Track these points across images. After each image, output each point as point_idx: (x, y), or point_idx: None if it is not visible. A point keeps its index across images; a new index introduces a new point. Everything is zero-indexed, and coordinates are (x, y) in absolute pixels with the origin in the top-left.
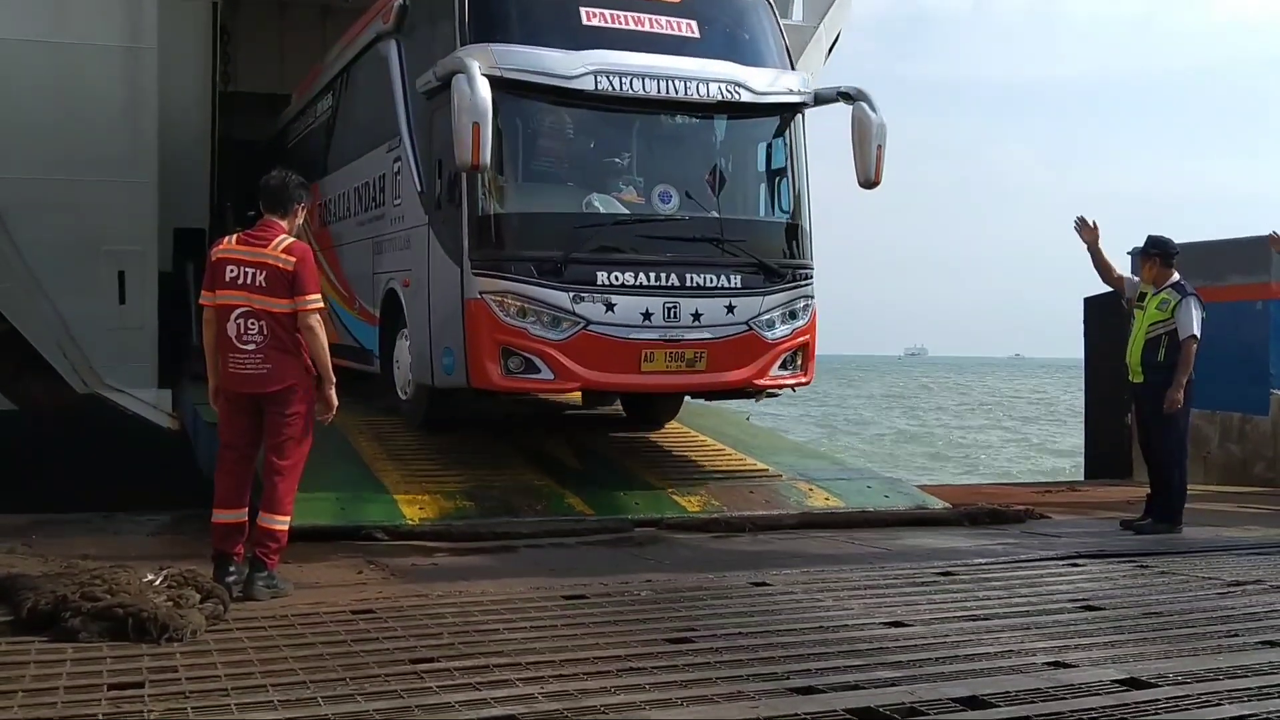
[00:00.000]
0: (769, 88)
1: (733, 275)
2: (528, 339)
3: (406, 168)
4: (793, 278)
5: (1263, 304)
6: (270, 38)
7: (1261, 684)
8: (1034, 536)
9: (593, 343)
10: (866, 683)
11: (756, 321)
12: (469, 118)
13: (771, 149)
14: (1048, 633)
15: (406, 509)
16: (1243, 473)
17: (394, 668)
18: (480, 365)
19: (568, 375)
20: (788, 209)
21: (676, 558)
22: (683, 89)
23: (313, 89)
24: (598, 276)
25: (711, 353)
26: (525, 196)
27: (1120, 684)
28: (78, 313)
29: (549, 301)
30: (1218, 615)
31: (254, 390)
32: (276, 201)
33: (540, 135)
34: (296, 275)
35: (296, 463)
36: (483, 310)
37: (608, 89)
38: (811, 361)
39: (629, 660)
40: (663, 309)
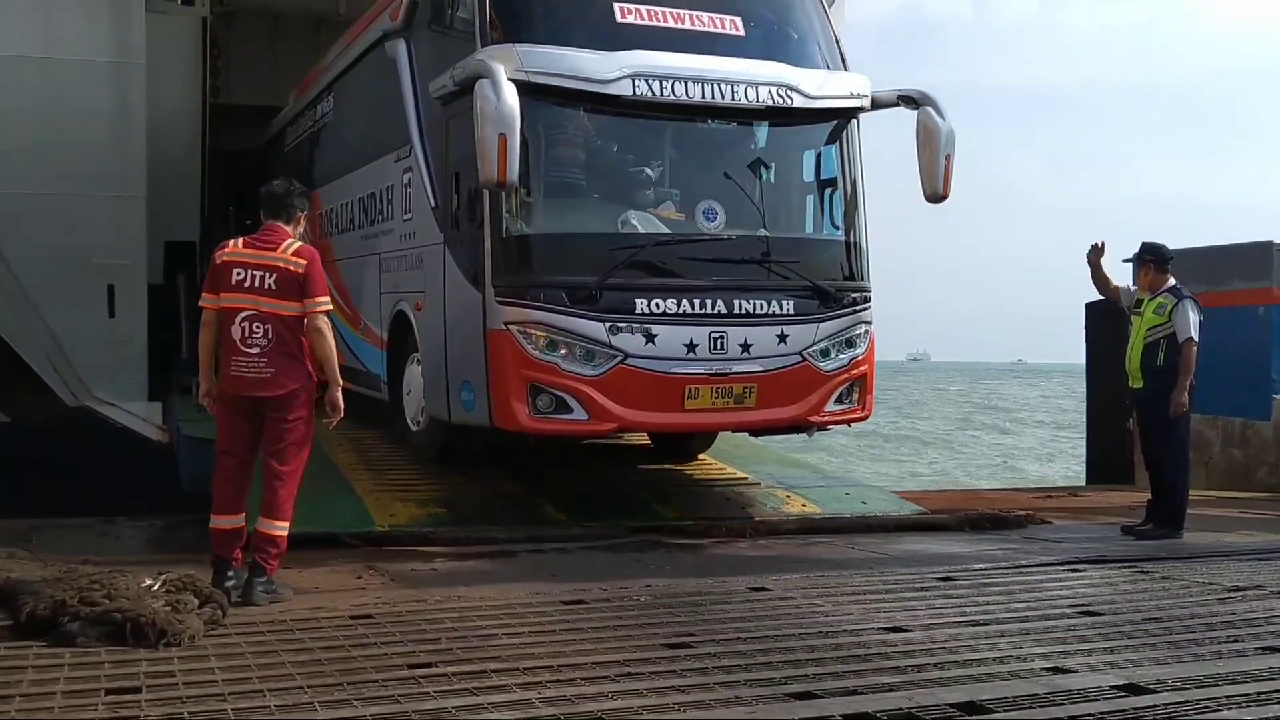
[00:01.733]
0: (823, 91)
1: (785, 301)
2: (558, 375)
3: (418, 180)
4: (850, 302)
5: (1264, 309)
6: (263, 50)
7: (1261, 690)
8: (1035, 542)
9: (631, 378)
10: (864, 688)
11: (810, 352)
12: (494, 129)
13: (826, 158)
14: (1047, 638)
15: (377, 515)
16: (1244, 478)
17: (391, 673)
18: (505, 404)
19: (603, 415)
20: (844, 225)
21: (676, 563)
22: (729, 93)
23: (312, 91)
24: (636, 304)
25: (762, 387)
26: (554, 215)
27: (1119, 690)
28: (68, 326)
29: (582, 333)
30: (1218, 621)
31: (256, 394)
32: (280, 207)
33: (571, 146)
34: (307, 278)
35: (296, 469)
36: (508, 342)
37: (646, 94)
38: (869, 394)
39: (627, 665)
40: (708, 339)
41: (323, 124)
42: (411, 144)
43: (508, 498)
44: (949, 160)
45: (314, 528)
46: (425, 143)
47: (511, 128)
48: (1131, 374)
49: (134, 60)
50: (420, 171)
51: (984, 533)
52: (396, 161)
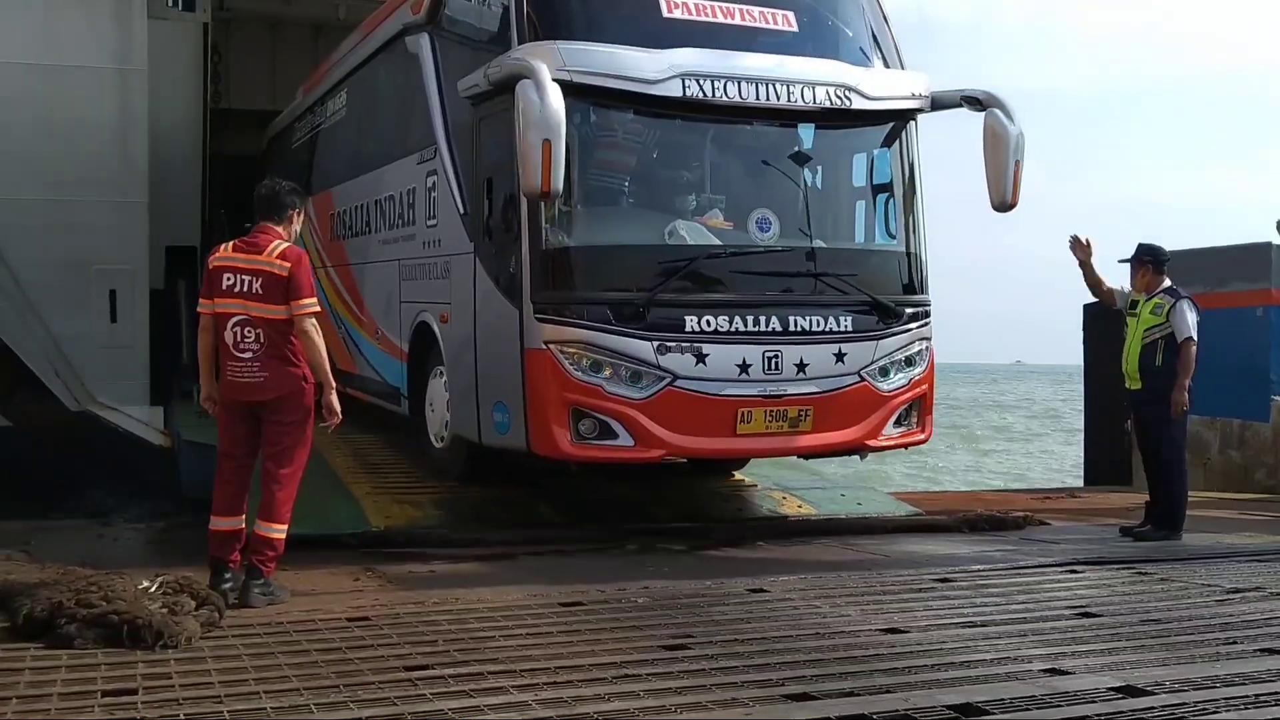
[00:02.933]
0: (883, 91)
1: (842, 316)
2: (603, 398)
3: (444, 184)
4: (910, 317)
5: (1263, 310)
6: (262, 55)
7: (1259, 692)
8: (1033, 543)
9: (680, 401)
10: (861, 689)
11: (869, 371)
12: (538, 133)
13: (885, 163)
14: (1044, 640)
15: (373, 517)
16: (1243, 479)
17: (388, 675)
18: (544, 428)
19: (650, 441)
20: (903, 235)
21: (673, 565)
22: (784, 94)
23: (323, 85)
24: (686, 321)
25: (818, 409)
26: (598, 225)
27: (1116, 691)
28: (69, 331)
29: (629, 353)
30: (1216, 623)
31: (251, 398)
32: (271, 208)
33: (615, 151)
34: (291, 280)
35: (294, 472)
36: (548, 363)
37: (697, 95)
38: (929, 415)
39: (624, 667)
40: (762, 359)
41: (334, 121)
42: (436, 145)
43: (505, 500)
44: (1018, 167)
45: (312, 529)
46: (452, 145)
47: (557, 133)
48: (1129, 375)
49: (136, 67)
50: (446, 175)
51: (982, 534)
52: (419, 164)
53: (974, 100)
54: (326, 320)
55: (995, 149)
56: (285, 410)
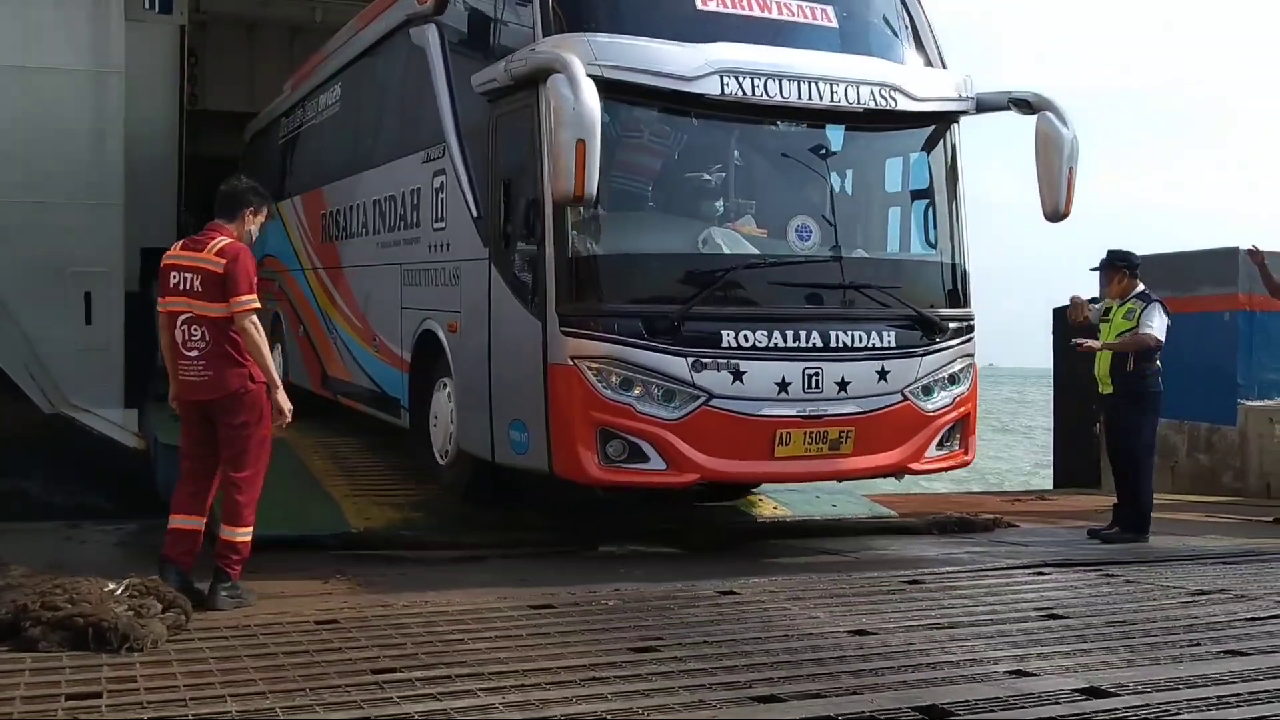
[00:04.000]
0: (928, 92)
1: (886, 331)
2: (634, 418)
3: (454, 186)
4: (954, 332)
5: (1230, 315)
6: (239, 57)
7: (1221, 694)
8: (1001, 545)
9: (715, 422)
10: (828, 691)
11: (913, 389)
12: (572, 133)
13: (929, 168)
14: (1011, 641)
15: (353, 519)
16: (1210, 482)
17: (355, 678)
18: (570, 450)
19: (683, 464)
20: (947, 244)
21: (645, 567)
22: (827, 94)
23: (314, 78)
24: (723, 336)
25: (860, 430)
26: (629, 232)
27: (1080, 693)
28: (44, 333)
29: (662, 369)
30: (1181, 624)
31: (197, 397)
32: (224, 206)
33: (647, 153)
34: (227, 276)
35: (253, 475)
36: (575, 380)
37: (735, 94)
38: (972, 436)
39: (593, 669)
40: (802, 377)
41: (327, 117)
42: (445, 144)
43: (485, 502)
44: (1072, 174)
45: (290, 531)
46: (464, 144)
47: (592, 132)
48: (1101, 379)
49: (113, 69)
50: (457, 176)
51: (951, 536)
52: (425, 163)
53: (1023, 102)
54: (317, 325)
55: (1048, 154)
56: (234, 411)
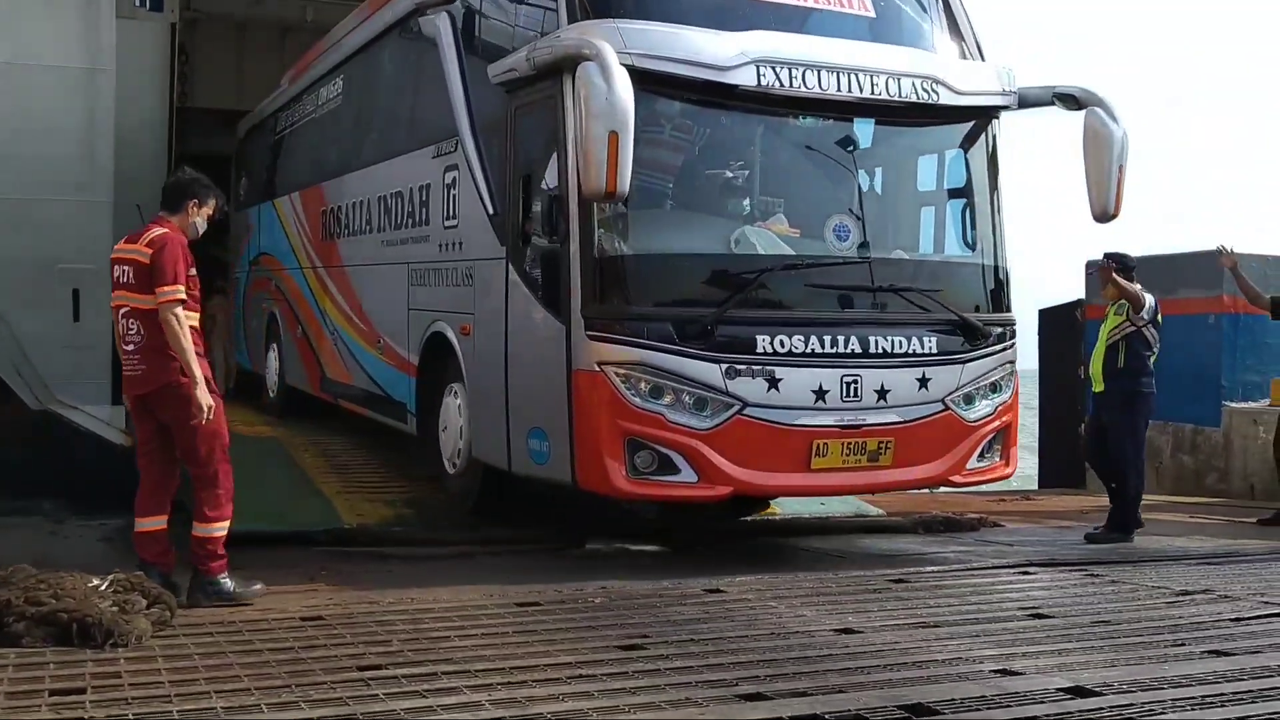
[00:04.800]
0: (971, 85)
1: (927, 337)
2: (664, 428)
3: (468, 182)
4: (996, 338)
5: (1215, 317)
6: (229, 55)
7: (1205, 693)
8: (987, 545)
9: (750, 431)
10: (814, 689)
11: (954, 398)
12: (604, 125)
13: (971, 166)
14: (996, 640)
15: (346, 515)
16: (1195, 483)
17: (341, 674)
18: (595, 461)
19: (716, 476)
20: (989, 245)
21: (633, 566)
22: (868, 87)
23: (315, 71)
24: (758, 341)
25: (900, 441)
26: (659, 231)
27: (1065, 692)
28: (32, 330)
29: (694, 376)
30: (1165, 624)
31: (135, 391)
32: (167, 198)
33: (678, 147)
34: (153, 266)
35: (209, 469)
36: (601, 387)
37: (773, 85)
38: (1014, 447)
39: (579, 667)
40: (840, 384)
41: (328, 110)
42: (458, 138)
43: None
44: (1122, 173)
45: (284, 527)
46: (478, 137)
47: (625, 124)
48: (1094, 377)
49: (104, 66)
50: (471, 171)
51: (938, 535)
52: (436, 157)
53: (1069, 98)
54: (316, 325)
55: (1097, 152)
56: (171, 406)
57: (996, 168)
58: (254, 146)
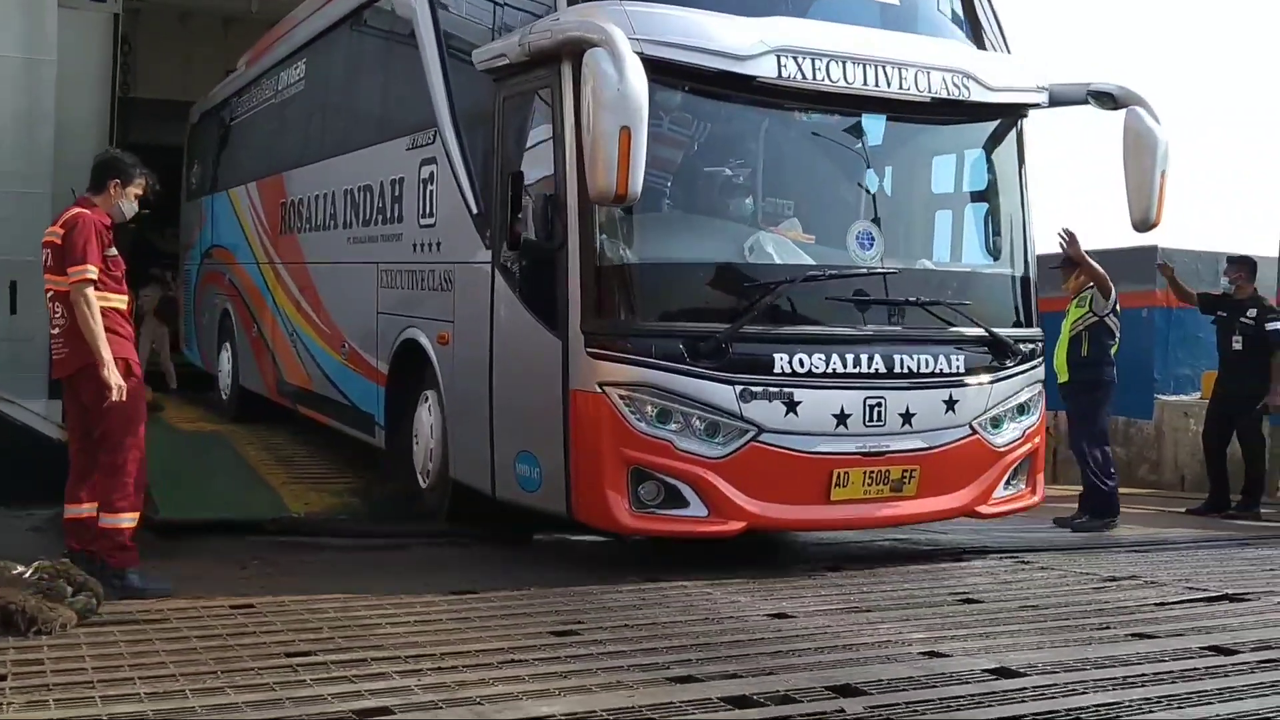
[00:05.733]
0: (1004, 82)
1: (954, 355)
2: (672, 456)
3: (447, 177)
4: (1026, 356)
5: (1148, 311)
6: (172, 45)
7: (1127, 674)
8: (924, 533)
9: (765, 460)
10: (745, 672)
11: (981, 421)
12: (615, 119)
13: (999, 169)
14: (926, 624)
15: (293, 504)
16: (1127, 474)
17: (269, 661)
18: (595, 492)
19: (728, 510)
20: (1019, 256)
21: (574, 555)
22: (896, 81)
23: (275, 53)
24: (776, 361)
25: (925, 469)
26: (668, 237)
27: (990, 673)
28: None
29: (706, 399)
30: (1091, 609)
31: (59, 374)
32: (93, 177)
33: (690, 145)
34: (65, 246)
35: (121, 457)
36: (603, 410)
37: (795, 77)
38: (1040, 474)
39: (511, 653)
40: (863, 407)
41: (289, 96)
42: (437, 128)
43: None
44: (1164, 178)
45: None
46: (460, 128)
47: (639, 118)
48: (1059, 369)
49: (45, 57)
50: (451, 165)
51: None
52: (411, 149)
53: (1105, 96)
54: (273, 325)
55: (1138, 155)
56: (88, 389)
57: (1025, 171)
58: (207, 133)
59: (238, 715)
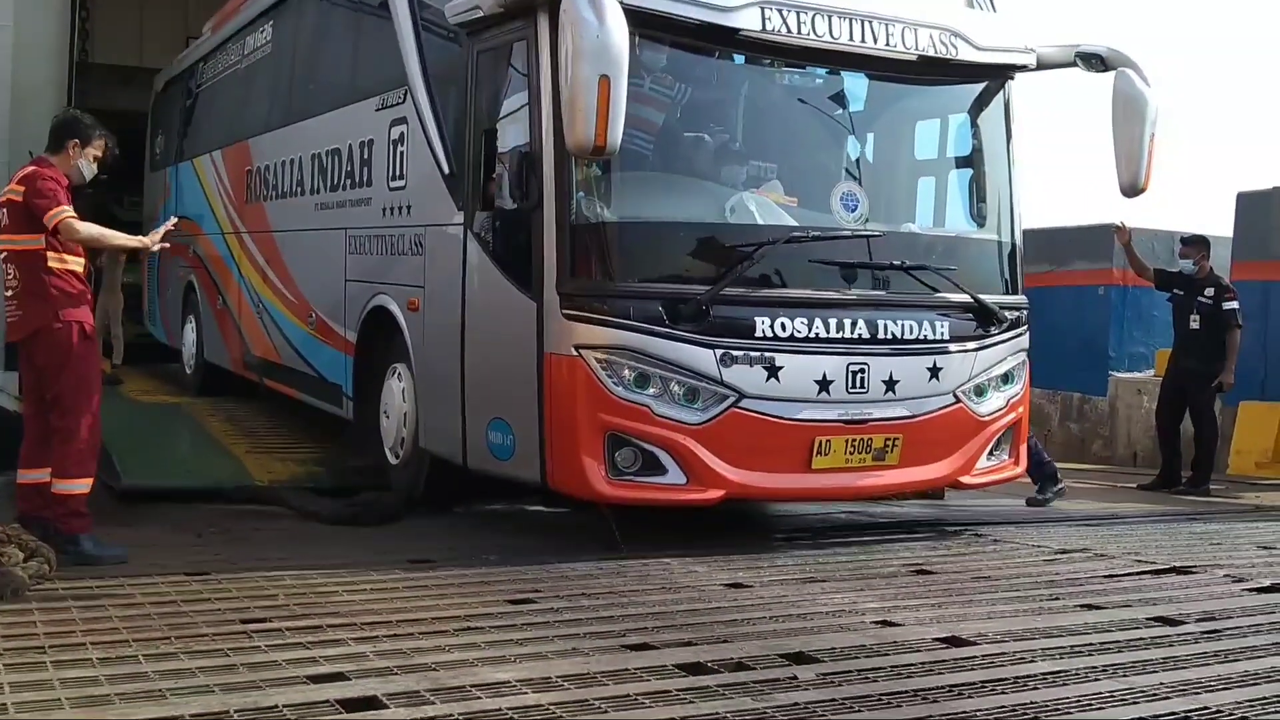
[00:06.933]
0: (992, 41)
1: (938, 321)
2: (650, 421)
3: (417, 137)
4: (1011, 323)
5: (1104, 289)
6: (129, 10)
7: (1074, 643)
8: (879, 506)
9: (746, 426)
10: (700, 640)
11: (965, 390)
12: (594, 67)
13: (985, 131)
14: (879, 594)
15: (256, 472)
16: (1081, 450)
17: (223, 628)
18: (571, 458)
19: (707, 478)
20: (1005, 220)
21: (532, 524)
22: (883, 37)
23: (241, 17)
24: (757, 324)
25: (908, 437)
26: (647, 196)
27: (941, 641)
28: None
29: (685, 363)
30: (1042, 580)
31: (13, 338)
32: (50, 138)
33: (669, 101)
34: (27, 203)
35: (76, 423)
36: (579, 373)
37: (779, 30)
38: (1022, 444)
39: (468, 620)
40: (845, 373)
41: (255, 60)
42: (408, 87)
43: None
44: (1154, 142)
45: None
46: (432, 86)
47: (618, 66)
48: None
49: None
50: (423, 124)
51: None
52: (380, 110)
53: (1094, 58)
54: (239, 296)
55: (1128, 119)
56: (42, 352)
57: (1011, 135)
58: (172, 101)
59: (192, 681)
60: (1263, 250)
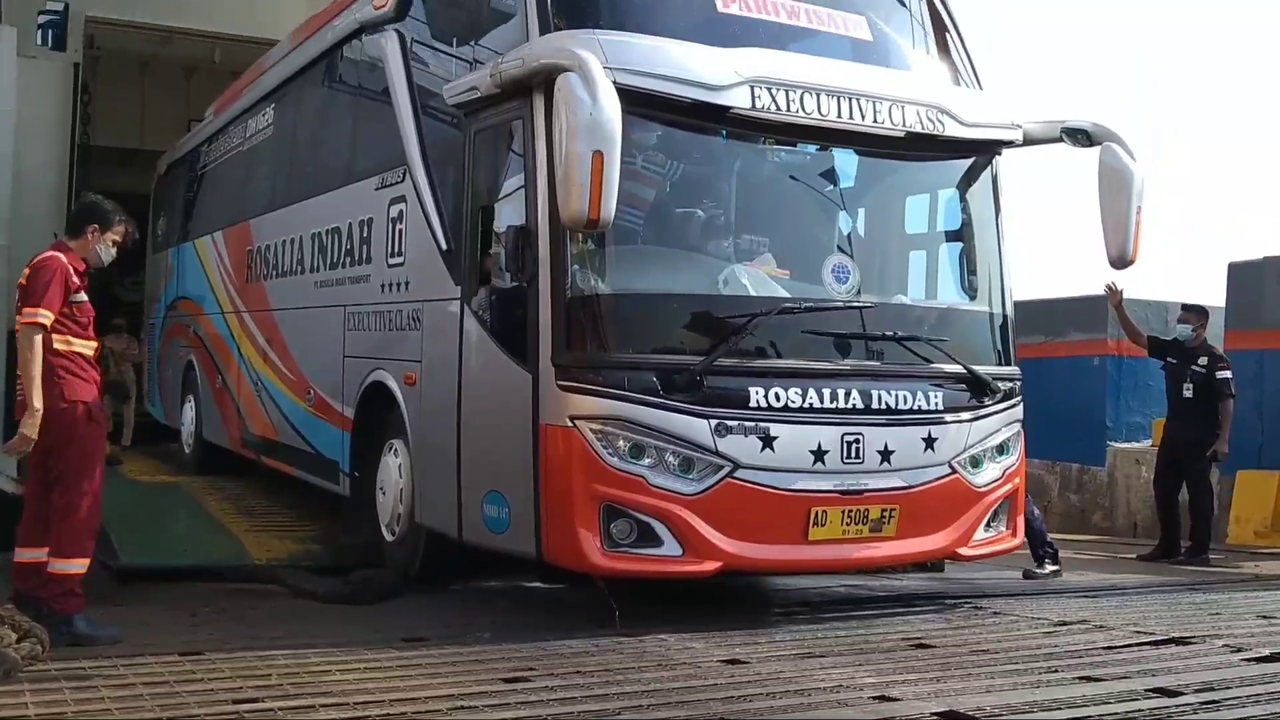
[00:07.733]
0: (979, 117)
1: (932, 391)
2: (645, 492)
3: (416, 214)
4: (1005, 394)
5: (1100, 359)
6: (132, 92)
7: (1072, 715)
8: (878, 579)
9: (741, 497)
10: (696, 717)
11: (961, 460)
12: (588, 143)
13: (974, 204)
14: (878, 668)
15: (254, 550)
16: (1080, 521)
17: (215, 708)
18: (566, 530)
19: (703, 549)
20: (996, 293)
21: (527, 600)
22: (870, 114)
23: (244, 100)
24: (752, 394)
25: (904, 509)
26: (640, 269)
27: (939, 716)
28: None
29: (680, 433)
30: (1041, 653)
31: (19, 416)
32: (70, 221)
33: (662, 176)
34: (27, 287)
35: (73, 501)
36: (574, 445)
37: (769, 109)
38: (1020, 515)
39: (461, 699)
40: (840, 443)
41: (257, 143)
42: (407, 166)
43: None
44: (1139, 215)
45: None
46: (430, 165)
47: (612, 142)
48: None
49: (3, 107)
50: (421, 202)
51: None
52: (380, 189)
53: (1079, 133)
54: (238, 375)
55: (1115, 192)
56: (46, 431)
57: (1000, 208)
58: (174, 184)
59: None
60: (1255, 319)
